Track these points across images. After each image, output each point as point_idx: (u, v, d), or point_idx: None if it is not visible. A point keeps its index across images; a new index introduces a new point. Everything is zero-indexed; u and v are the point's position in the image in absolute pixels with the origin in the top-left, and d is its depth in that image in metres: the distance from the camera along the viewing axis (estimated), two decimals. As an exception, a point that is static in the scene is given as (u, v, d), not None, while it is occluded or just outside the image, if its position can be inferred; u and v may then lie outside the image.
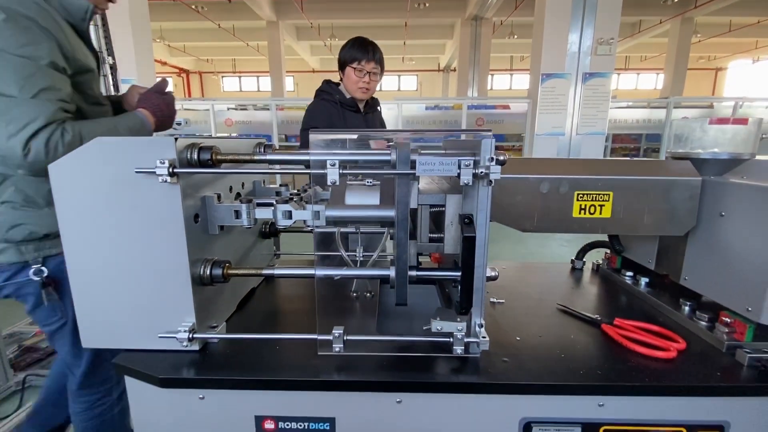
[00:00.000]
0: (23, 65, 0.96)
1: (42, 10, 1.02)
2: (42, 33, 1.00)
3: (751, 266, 0.80)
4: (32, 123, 0.95)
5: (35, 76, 0.97)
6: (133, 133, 1.18)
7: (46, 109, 0.97)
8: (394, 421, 0.79)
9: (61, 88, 1.03)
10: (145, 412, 0.82)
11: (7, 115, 0.95)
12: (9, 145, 0.94)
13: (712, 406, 0.77)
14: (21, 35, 0.97)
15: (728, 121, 0.94)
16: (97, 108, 1.22)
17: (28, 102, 0.96)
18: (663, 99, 7.27)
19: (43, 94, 0.98)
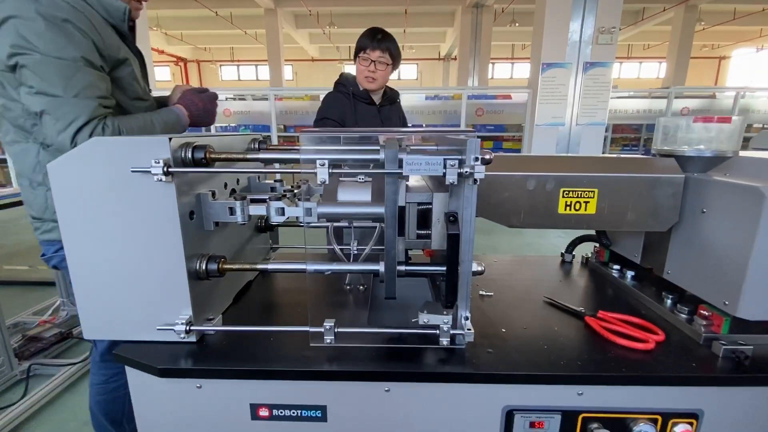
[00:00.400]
0: (64, 67, 1.05)
1: (77, 12, 1.08)
2: (78, 34, 1.07)
3: (728, 262, 0.83)
4: (77, 120, 1.05)
5: (76, 76, 1.06)
6: (168, 126, 1.27)
7: (87, 106, 1.07)
8: (382, 408, 0.83)
9: (99, 85, 1.11)
10: (145, 401, 0.86)
11: (56, 113, 1.05)
12: (59, 139, 1.06)
13: (687, 395, 0.81)
14: (60, 38, 1.04)
15: (712, 120, 0.95)
16: (139, 103, 1.29)
17: (71, 101, 1.05)
18: (664, 89, 7.22)
19: (84, 92, 1.07)
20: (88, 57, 1.08)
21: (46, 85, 1.04)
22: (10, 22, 1.03)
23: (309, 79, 18.98)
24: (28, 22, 1.02)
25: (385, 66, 2.02)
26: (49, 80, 1.04)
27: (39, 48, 1.03)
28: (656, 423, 0.81)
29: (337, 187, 0.94)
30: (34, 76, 1.04)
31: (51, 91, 1.05)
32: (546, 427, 0.82)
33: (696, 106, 7.00)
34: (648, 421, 0.80)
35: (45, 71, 1.04)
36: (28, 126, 1.14)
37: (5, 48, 1.03)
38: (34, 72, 1.04)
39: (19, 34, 1.02)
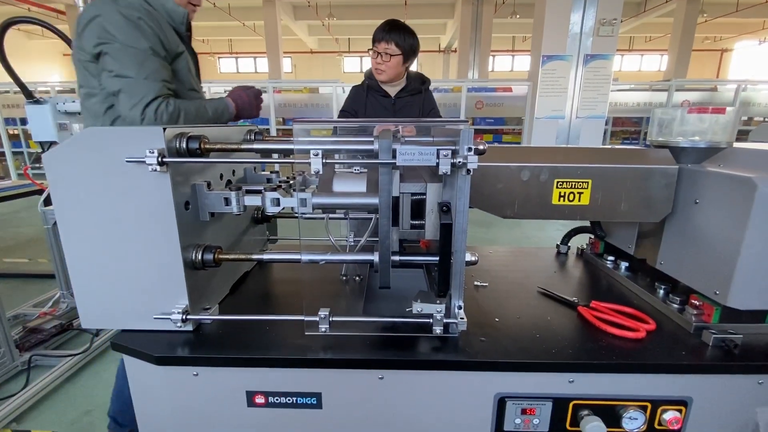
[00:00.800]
0: (137, 54, 1.29)
1: (148, 13, 1.35)
2: (149, 29, 1.32)
3: (719, 252, 0.84)
4: (146, 97, 1.29)
5: (146, 62, 1.30)
6: (218, 113, 1.50)
7: (154, 86, 1.30)
8: (376, 395, 0.84)
9: (163, 71, 1.36)
10: (143, 388, 0.87)
11: (130, 92, 1.29)
12: (131, 113, 1.29)
13: (677, 383, 0.82)
14: (135, 32, 1.29)
15: (707, 110, 0.95)
16: (192, 93, 1.56)
17: (142, 82, 1.29)
18: (665, 81, 7.18)
19: (152, 75, 1.31)
20: (155, 48, 1.32)
21: (123, 68, 1.28)
22: (96, 20, 1.27)
23: (308, 71, 18.85)
24: (111, 18, 1.27)
25: (391, 57, 2.00)
26: (125, 65, 1.28)
27: (118, 38, 1.27)
28: (646, 410, 0.82)
29: (333, 178, 0.94)
30: (113, 62, 1.28)
31: (126, 74, 1.28)
32: (537, 413, 0.83)
33: (697, 99, 6.97)
34: (638, 408, 0.82)
35: (122, 58, 1.28)
36: (101, 111, 1.39)
37: (93, 39, 1.28)
38: (114, 58, 1.28)
39: (103, 28, 1.27)
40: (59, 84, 8.04)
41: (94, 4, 1.31)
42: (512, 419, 0.84)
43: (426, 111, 2.21)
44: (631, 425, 0.82)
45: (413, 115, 2.16)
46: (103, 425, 1.87)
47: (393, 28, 1.97)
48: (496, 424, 0.85)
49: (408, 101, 2.17)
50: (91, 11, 1.29)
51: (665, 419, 0.82)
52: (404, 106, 2.16)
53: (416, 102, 2.19)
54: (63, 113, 2.56)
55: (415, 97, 2.19)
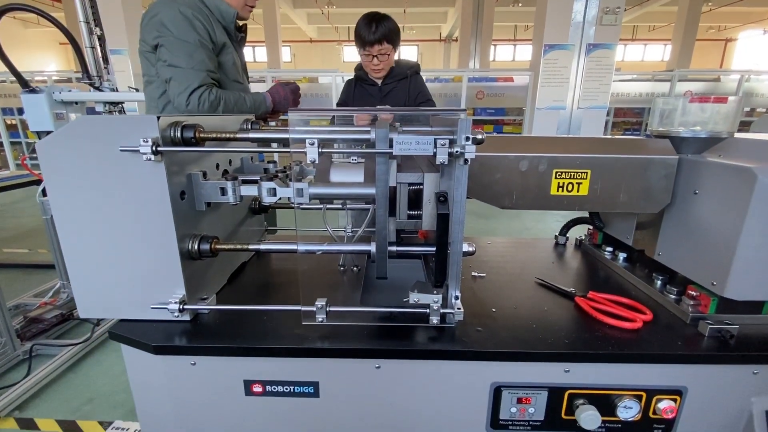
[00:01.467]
0: (187, 46, 1.47)
1: (200, 10, 1.53)
2: (199, 24, 1.49)
3: (718, 243, 0.84)
4: (191, 85, 1.46)
5: (194, 54, 1.48)
6: (256, 105, 1.66)
7: (199, 76, 1.47)
8: (373, 384, 0.85)
9: (209, 62, 1.53)
10: (141, 377, 0.88)
11: (178, 80, 1.47)
12: (178, 99, 1.46)
13: (672, 373, 0.82)
14: (187, 26, 1.47)
15: (709, 100, 0.94)
16: (236, 84, 1.71)
17: (189, 71, 1.46)
18: (668, 72, 7.11)
19: (198, 65, 1.48)
20: (204, 41, 1.50)
21: (174, 59, 1.46)
22: (157, 16, 1.47)
23: (308, 60, 18.66)
24: (168, 14, 1.46)
25: (387, 56, 2.04)
26: (177, 56, 1.46)
27: (173, 32, 1.46)
28: (640, 399, 0.83)
29: (330, 168, 0.94)
30: (167, 53, 1.47)
31: (177, 63, 1.46)
32: (533, 402, 0.84)
33: (700, 90, 6.91)
34: (632, 398, 0.82)
35: (174, 49, 1.46)
36: (156, 96, 1.60)
37: (153, 32, 1.48)
38: (168, 50, 1.47)
39: (161, 23, 1.46)
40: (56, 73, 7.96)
41: (157, 3, 1.51)
42: (508, 408, 0.85)
43: (413, 95, 2.21)
44: (626, 414, 0.83)
45: (399, 101, 2.18)
46: (104, 413, 1.90)
47: (379, 25, 1.96)
48: (492, 413, 0.85)
49: (394, 87, 2.19)
50: (154, 9, 1.50)
51: (660, 408, 0.82)
52: (390, 93, 2.19)
53: (402, 87, 2.21)
54: (59, 102, 2.54)
55: (401, 83, 2.20)
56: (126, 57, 5.81)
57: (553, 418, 0.85)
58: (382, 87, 2.19)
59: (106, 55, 2.61)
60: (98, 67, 2.54)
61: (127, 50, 5.76)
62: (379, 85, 2.19)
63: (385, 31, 1.95)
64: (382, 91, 2.19)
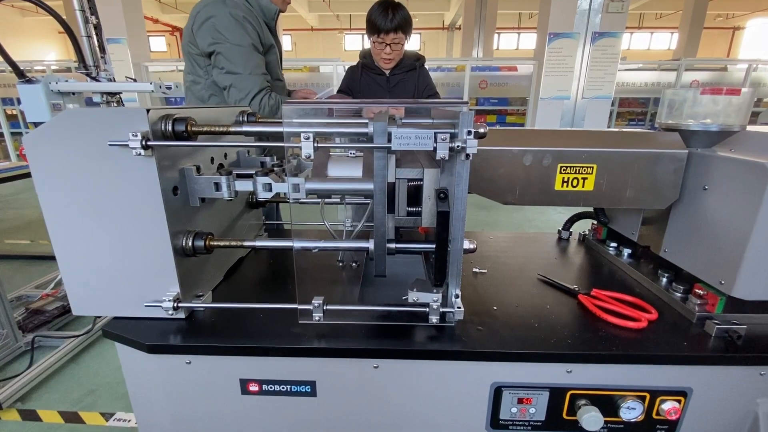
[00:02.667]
0: (243, 52, 1.50)
1: (249, 11, 1.56)
2: (251, 27, 1.52)
3: (727, 240, 0.81)
4: (252, 91, 1.52)
5: (250, 58, 1.52)
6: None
7: (258, 80, 1.54)
8: (371, 384, 0.83)
9: (262, 64, 1.58)
10: (136, 375, 0.87)
11: (239, 86, 1.52)
12: (241, 104, 1.51)
13: (676, 374, 0.80)
14: (240, 31, 1.49)
15: (721, 92, 0.90)
16: (278, 83, 1.77)
17: (248, 77, 1.52)
18: (674, 60, 6.97)
19: (255, 70, 1.53)
20: (255, 44, 1.53)
21: (232, 66, 1.50)
22: (210, 20, 1.48)
23: (309, 49, 18.43)
24: (222, 20, 1.47)
25: (401, 46, 1.99)
26: (234, 62, 1.50)
27: (229, 39, 1.48)
28: (644, 400, 0.81)
29: (327, 162, 0.91)
30: (224, 60, 1.50)
31: (235, 70, 1.50)
32: (534, 403, 0.83)
33: (706, 79, 6.78)
34: (636, 399, 0.81)
35: (231, 56, 1.49)
36: (206, 97, 1.64)
37: (207, 39, 1.50)
38: (225, 57, 1.50)
39: (216, 29, 1.48)
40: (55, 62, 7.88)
41: (208, 6, 1.51)
42: (508, 408, 0.83)
43: (421, 88, 2.17)
44: (629, 415, 0.81)
45: (408, 93, 2.14)
46: (107, 404, 1.91)
47: (396, 14, 1.89)
48: (492, 413, 0.84)
49: (402, 78, 2.15)
50: (206, 12, 1.50)
51: (664, 409, 0.81)
52: (398, 83, 2.14)
53: (411, 79, 2.17)
54: (56, 93, 2.50)
55: (410, 74, 2.16)
56: (125, 46, 5.74)
57: (555, 419, 0.83)
58: (390, 77, 2.14)
59: (103, 44, 2.56)
60: (95, 57, 2.49)
61: (126, 39, 5.69)
62: (387, 75, 2.14)
63: (401, 19, 1.89)
64: (390, 82, 2.14)
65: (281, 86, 1.81)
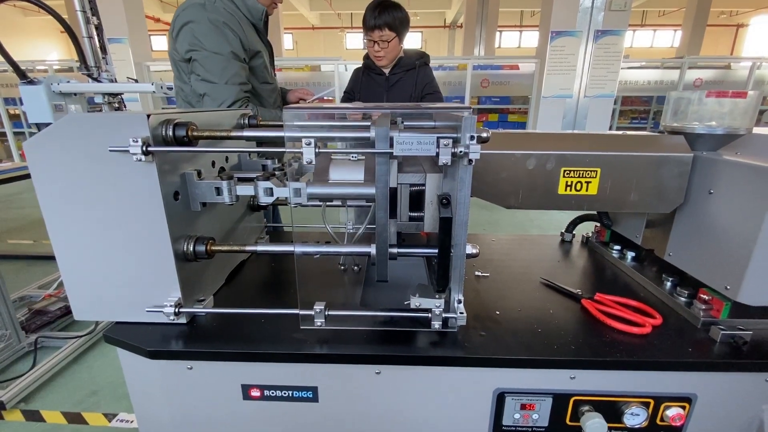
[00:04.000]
0: (220, 60, 1.44)
1: (231, 15, 1.48)
2: (231, 33, 1.46)
3: (733, 245, 0.80)
4: (226, 101, 1.47)
5: (227, 67, 1.46)
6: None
7: (234, 91, 1.48)
8: (373, 390, 0.83)
9: (241, 74, 1.51)
10: (137, 380, 0.87)
11: (213, 95, 1.47)
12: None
13: (681, 380, 0.80)
14: (219, 38, 1.43)
15: (727, 94, 0.90)
16: (266, 86, 1.70)
17: (223, 86, 1.46)
18: (678, 59, 6.93)
19: (231, 79, 1.47)
20: (236, 51, 1.47)
21: (208, 74, 1.45)
22: (189, 26, 1.43)
23: (310, 48, 18.40)
24: (200, 25, 1.42)
25: (388, 43, 1.99)
26: (210, 71, 1.45)
27: (206, 46, 1.43)
28: (648, 406, 0.80)
29: (329, 166, 0.90)
30: (201, 68, 1.46)
31: (210, 79, 1.45)
32: (537, 409, 0.82)
33: (710, 77, 6.74)
34: (640, 405, 0.80)
35: (207, 64, 1.44)
36: (194, 102, 1.58)
37: (185, 45, 1.46)
38: (201, 64, 1.45)
39: (194, 35, 1.43)
40: (57, 62, 7.89)
41: (187, 10, 1.46)
42: (511, 414, 0.83)
43: (420, 87, 2.16)
44: (633, 421, 0.80)
45: (406, 92, 2.15)
46: (109, 405, 1.91)
47: (382, 11, 1.92)
48: (495, 419, 0.83)
49: (401, 77, 2.15)
50: (184, 17, 1.45)
51: (668, 416, 0.80)
52: (397, 83, 2.14)
53: (409, 78, 2.16)
54: (58, 94, 2.51)
55: (409, 73, 2.16)
56: (126, 46, 5.74)
57: (558, 425, 0.83)
58: (389, 77, 2.15)
59: (104, 44, 2.56)
60: (96, 58, 2.49)
61: (127, 39, 5.69)
62: (386, 74, 2.14)
63: (388, 18, 1.91)
64: (389, 81, 2.15)
65: (270, 89, 1.75)
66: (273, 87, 1.77)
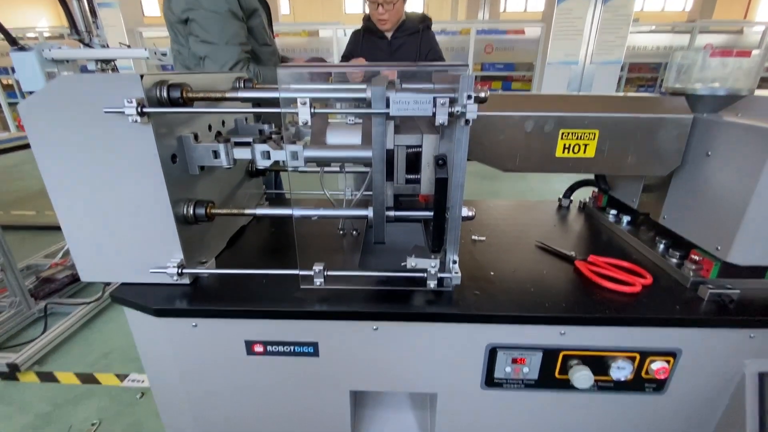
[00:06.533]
0: (218, 19, 1.39)
1: None
2: None
3: (726, 206, 0.81)
4: (227, 63, 1.44)
5: (226, 26, 1.41)
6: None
7: (234, 51, 1.44)
8: (371, 344, 0.87)
9: (241, 33, 1.47)
10: (145, 338, 0.90)
11: (214, 57, 1.43)
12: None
13: (666, 335, 0.83)
14: None
15: (731, 53, 0.88)
16: (265, 48, 1.66)
17: (224, 47, 1.42)
18: (689, 23, 6.67)
19: (232, 39, 1.43)
20: (233, 10, 1.42)
21: (207, 35, 1.40)
22: None
23: (307, 13, 17.70)
24: None
25: (393, 5, 1.93)
26: (209, 31, 1.40)
27: (203, 5, 1.38)
28: (634, 360, 0.84)
29: (326, 129, 0.90)
30: (199, 28, 1.41)
31: (210, 39, 1.41)
32: (527, 362, 0.86)
33: (721, 43, 6.51)
34: (626, 359, 0.84)
35: (206, 24, 1.39)
36: (192, 66, 1.55)
37: (181, 4, 1.40)
38: (200, 25, 1.40)
39: None
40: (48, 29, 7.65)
41: None
42: (502, 368, 0.87)
43: (424, 52, 2.11)
44: (619, 374, 0.84)
45: (410, 57, 2.10)
46: (120, 366, 2.00)
47: None
48: (487, 372, 0.88)
49: (404, 42, 2.09)
50: None
51: (653, 369, 0.84)
52: (401, 47, 2.08)
53: (413, 42, 2.10)
54: (50, 61, 2.45)
55: (412, 37, 2.10)
56: (117, 10, 5.54)
57: (547, 378, 0.87)
58: (392, 41, 2.09)
59: (94, 8, 2.48)
60: (86, 22, 2.42)
61: (117, 2, 5.48)
62: (389, 38, 2.08)
63: None
64: (391, 46, 2.10)
65: (270, 51, 1.70)
66: (272, 49, 1.72)
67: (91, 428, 1.64)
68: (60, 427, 1.66)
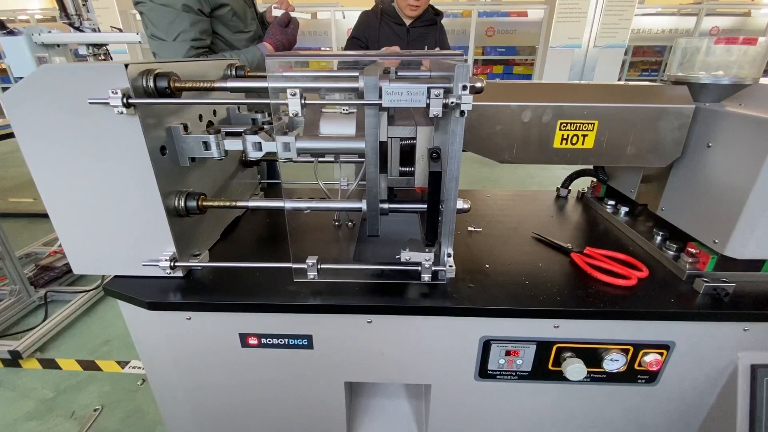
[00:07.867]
0: (167, 13, 1.29)
1: None
2: None
3: (725, 199, 0.80)
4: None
5: (175, 22, 1.30)
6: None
7: (181, 49, 1.34)
8: (365, 337, 0.87)
9: (193, 29, 1.34)
10: (139, 332, 0.90)
11: (161, 54, 1.35)
12: None
13: (660, 328, 0.83)
14: None
15: (737, 41, 0.85)
16: (240, 35, 1.55)
17: (171, 44, 1.32)
18: (695, 4, 6.51)
19: (180, 36, 1.32)
20: (188, 3, 1.29)
21: (155, 29, 1.32)
22: None
23: (306, -6, 17.27)
24: None
25: None
26: (158, 26, 1.31)
27: None
28: (627, 353, 0.84)
29: (319, 120, 0.88)
30: (149, 22, 1.32)
31: (157, 35, 1.32)
32: (521, 355, 0.86)
33: (727, 26, 6.37)
34: (620, 351, 0.84)
35: (154, 18, 1.30)
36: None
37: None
38: (149, 18, 1.31)
39: None
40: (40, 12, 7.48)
41: None
42: (496, 360, 0.87)
43: (439, 44, 2.05)
44: (612, 366, 0.84)
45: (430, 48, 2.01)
46: (121, 353, 2.02)
47: None
48: (480, 364, 0.88)
49: (422, 32, 2.02)
50: None
51: (645, 361, 0.84)
52: (419, 37, 2.01)
53: (431, 34, 2.04)
54: (41, 45, 2.40)
55: (431, 29, 2.03)
56: (109, -9, 5.41)
57: (540, 370, 0.87)
58: (411, 29, 2.00)
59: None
60: (76, 5, 2.36)
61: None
62: (407, 26, 1.99)
63: None
64: (410, 34, 2.00)
65: (247, 38, 1.58)
66: (251, 35, 1.60)
67: (94, 414, 1.67)
68: (63, 412, 1.68)
